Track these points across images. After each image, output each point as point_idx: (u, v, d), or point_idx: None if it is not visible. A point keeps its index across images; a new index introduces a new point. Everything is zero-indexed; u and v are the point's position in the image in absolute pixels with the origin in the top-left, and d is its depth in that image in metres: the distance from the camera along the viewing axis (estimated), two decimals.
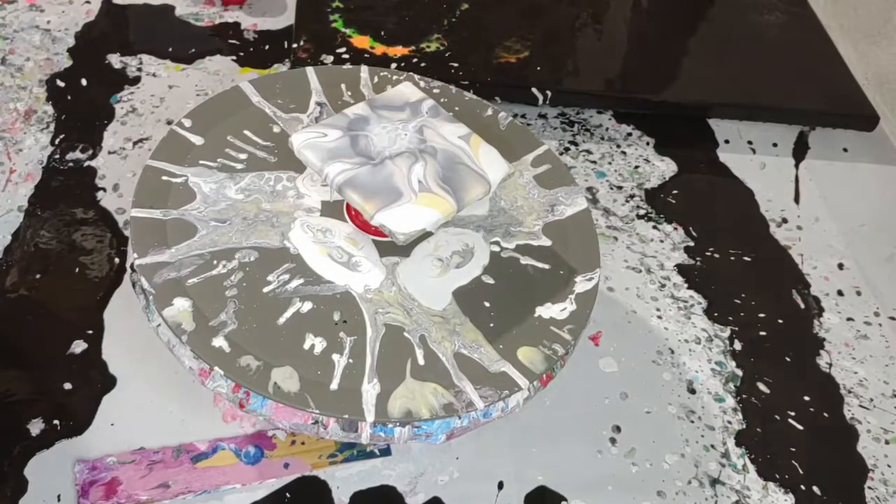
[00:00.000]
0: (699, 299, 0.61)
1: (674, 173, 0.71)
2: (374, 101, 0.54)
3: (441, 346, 0.46)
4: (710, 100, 0.76)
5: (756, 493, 0.50)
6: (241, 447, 0.47)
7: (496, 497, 0.48)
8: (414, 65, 0.72)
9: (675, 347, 0.57)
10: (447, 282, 0.49)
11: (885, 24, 0.84)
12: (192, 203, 0.49)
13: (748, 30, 0.84)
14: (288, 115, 0.56)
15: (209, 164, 0.51)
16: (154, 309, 0.44)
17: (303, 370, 0.43)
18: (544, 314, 0.49)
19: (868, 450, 0.54)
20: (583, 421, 0.52)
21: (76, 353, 0.50)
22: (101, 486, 0.44)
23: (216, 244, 0.47)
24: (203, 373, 0.43)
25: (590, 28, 0.82)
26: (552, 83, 0.74)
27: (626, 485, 0.50)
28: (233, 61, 0.73)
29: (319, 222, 0.50)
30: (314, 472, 0.47)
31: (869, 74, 0.83)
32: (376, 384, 0.43)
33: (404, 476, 0.48)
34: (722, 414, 0.54)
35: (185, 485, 0.45)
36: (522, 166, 0.57)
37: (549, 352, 0.47)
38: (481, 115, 0.59)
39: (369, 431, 0.42)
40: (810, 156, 0.75)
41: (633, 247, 0.64)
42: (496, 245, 0.52)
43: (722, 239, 0.66)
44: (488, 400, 0.44)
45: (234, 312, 0.45)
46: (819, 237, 0.68)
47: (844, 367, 0.59)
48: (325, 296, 0.47)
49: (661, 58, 0.80)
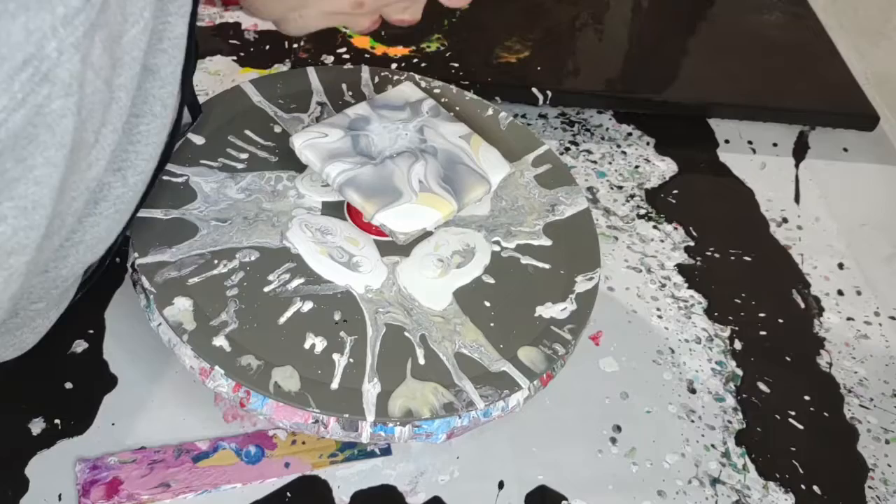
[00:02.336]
0: (699, 299, 0.61)
1: (674, 173, 0.71)
2: (375, 101, 0.54)
3: (441, 345, 0.46)
4: (710, 100, 0.76)
5: (756, 492, 0.51)
6: (242, 446, 0.47)
7: (497, 496, 0.48)
8: (414, 65, 0.72)
9: (676, 347, 0.57)
10: (448, 282, 0.49)
11: (885, 24, 0.84)
12: (193, 203, 0.49)
13: (748, 30, 0.84)
14: (289, 114, 0.56)
15: (210, 163, 0.51)
16: (155, 308, 0.44)
17: (303, 370, 0.43)
18: (545, 314, 0.49)
19: (868, 449, 0.54)
20: (583, 420, 0.52)
21: (77, 353, 0.50)
22: (103, 486, 0.44)
23: (217, 244, 0.47)
24: (204, 372, 0.43)
25: (590, 28, 0.82)
26: (552, 83, 0.74)
27: (627, 484, 0.50)
28: (233, 61, 0.73)
29: (319, 222, 0.50)
30: (315, 471, 0.47)
31: (869, 74, 0.83)
32: (377, 383, 0.43)
33: (405, 475, 0.48)
34: (722, 413, 0.54)
35: (186, 484, 0.45)
36: (523, 166, 0.57)
37: (549, 351, 0.47)
38: (482, 114, 0.60)
39: (370, 431, 0.42)
40: (810, 156, 0.75)
41: (634, 246, 0.64)
42: (497, 245, 0.52)
43: (722, 239, 0.66)
44: (489, 399, 0.44)
45: (235, 312, 0.45)
46: (819, 237, 0.68)
47: (844, 366, 0.59)
48: (325, 295, 0.47)
49: (661, 58, 0.80)
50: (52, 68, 0.27)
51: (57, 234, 0.34)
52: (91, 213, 0.37)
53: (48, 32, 0.26)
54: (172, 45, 0.37)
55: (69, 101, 0.28)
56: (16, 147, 0.27)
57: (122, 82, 0.32)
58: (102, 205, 0.37)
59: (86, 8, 0.27)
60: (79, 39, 0.27)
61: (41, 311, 0.41)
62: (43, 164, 0.28)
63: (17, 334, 0.41)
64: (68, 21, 0.26)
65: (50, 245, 0.34)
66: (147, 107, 0.37)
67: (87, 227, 0.37)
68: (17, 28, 0.25)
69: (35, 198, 0.29)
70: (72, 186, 0.32)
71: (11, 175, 0.27)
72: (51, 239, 0.34)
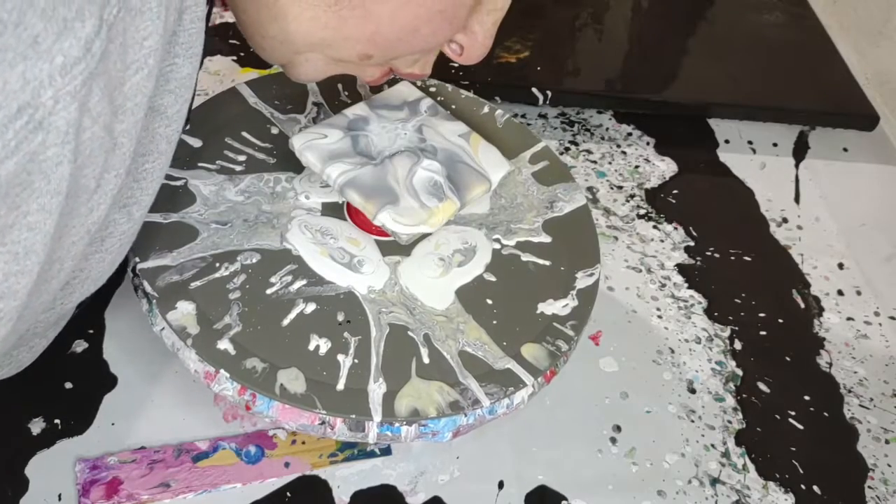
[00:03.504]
0: (699, 299, 0.61)
1: (674, 173, 0.71)
2: (373, 101, 0.54)
3: (445, 344, 0.46)
4: (710, 100, 0.76)
5: (756, 492, 0.51)
6: (242, 446, 0.47)
7: (496, 496, 0.48)
8: None
9: (676, 347, 0.57)
10: (450, 280, 0.49)
11: (885, 24, 0.84)
12: (192, 206, 0.49)
13: (748, 30, 0.84)
14: (285, 115, 0.56)
15: (208, 166, 0.51)
16: (157, 313, 0.44)
17: (308, 371, 0.43)
18: (546, 310, 0.49)
19: (868, 449, 0.54)
20: (583, 420, 0.52)
21: (77, 353, 0.50)
22: (102, 486, 0.44)
23: (218, 246, 0.47)
24: (208, 376, 0.43)
25: (590, 28, 0.82)
26: (552, 83, 0.74)
27: (627, 484, 0.50)
28: (233, 61, 0.73)
29: (319, 223, 0.50)
30: (315, 471, 0.47)
31: (869, 74, 0.84)
32: (382, 384, 0.43)
33: (405, 475, 0.48)
34: (722, 413, 0.54)
35: (186, 484, 0.45)
36: (520, 163, 0.57)
37: (552, 348, 0.47)
38: (478, 112, 0.59)
39: (376, 431, 0.42)
40: (810, 156, 0.75)
41: (634, 246, 0.64)
42: (497, 242, 0.52)
43: (722, 239, 0.66)
44: (494, 397, 0.44)
45: (238, 315, 0.45)
46: (819, 237, 0.68)
47: (844, 366, 0.59)
48: (328, 296, 0.47)
49: (661, 58, 0.80)
50: (47, 116, 0.26)
51: (56, 277, 0.34)
52: (97, 251, 0.37)
53: (45, 81, 0.26)
54: (180, 84, 0.36)
55: (65, 148, 0.28)
56: (9, 194, 0.27)
57: (124, 128, 0.32)
58: (108, 241, 0.37)
59: (85, 58, 0.27)
60: (76, 88, 0.27)
61: (39, 334, 0.41)
62: (37, 210, 0.28)
63: (13, 354, 0.41)
64: (67, 70, 0.26)
65: (47, 289, 0.34)
66: (153, 146, 0.37)
67: (94, 264, 0.37)
68: (14, 77, 0.25)
69: (27, 244, 0.29)
70: (71, 232, 0.32)
71: (4, 221, 0.27)
72: (48, 283, 0.33)
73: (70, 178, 0.29)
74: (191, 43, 0.36)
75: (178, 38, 0.35)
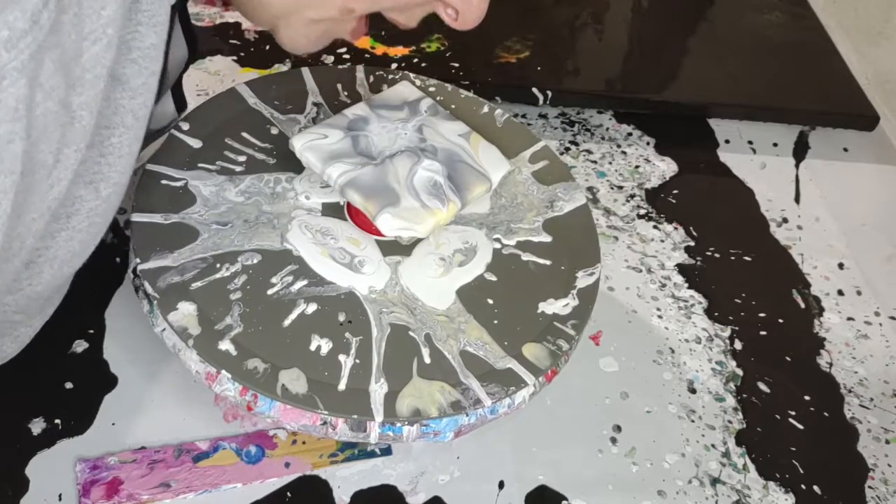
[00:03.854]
0: (699, 299, 0.61)
1: (674, 173, 0.71)
2: (373, 101, 0.54)
3: (446, 344, 0.46)
4: (710, 100, 0.76)
5: (756, 492, 0.51)
6: (243, 446, 0.47)
7: (497, 496, 0.48)
8: (414, 65, 0.72)
9: (676, 347, 0.57)
10: (450, 280, 0.49)
11: (885, 24, 0.84)
12: (193, 206, 0.49)
13: (748, 30, 0.84)
14: (285, 116, 0.56)
15: (208, 167, 0.51)
16: (158, 314, 0.44)
17: (310, 371, 0.43)
18: (547, 310, 0.49)
19: (868, 449, 0.54)
20: (583, 420, 0.52)
21: (77, 353, 0.50)
22: (103, 486, 0.44)
23: (218, 247, 0.47)
24: (210, 376, 0.43)
25: (590, 28, 0.82)
26: (552, 83, 0.74)
27: (627, 484, 0.50)
28: (233, 61, 0.73)
29: (319, 223, 0.50)
30: (315, 471, 0.47)
31: (869, 74, 0.84)
32: (384, 384, 0.43)
33: (405, 475, 0.48)
34: (722, 413, 0.54)
35: (186, 484, 0.45)
36: (520, 163, 0.57)
37: (553, 347, 0.47)
38: (477, 112, 0.59)
39: (378, 431, 0.42)
40: (810, 156, 0.75)
41: (634, 246, 0.64)
42: (497, 242, 0.52)
43: (722, 239, 0.66)
44: (495, 397, 0.44)
45: (240, 315, 0.45)
46: (819, 237, 0.68)
47: (845, 366, 0.59)
48: (329, 296, 0.47)
49: (661, 58, 0.80)
50: None
51: (17, 256, 0.33)
52: (64, 228, 0.36)
53: None
54: (143, 55, 0.35)
55: (16, 125, 0.27)
56: None
57: (83, 101, 0.31)
58: (75, 219, 0.36)
59: (32, 30, 0.26)
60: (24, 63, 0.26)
61: (22, 322, 0.40)
62: None
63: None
64: (13, 45, 0.25)
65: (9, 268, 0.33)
66: (118, 118, 0.36)
67: (61, 243, 0.36)
68: None
69: None
70: (31, 208, 0.31)
71: None
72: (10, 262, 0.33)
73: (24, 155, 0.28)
74: (154, 11, 0.35)
75: (140, 6, 0.34)
